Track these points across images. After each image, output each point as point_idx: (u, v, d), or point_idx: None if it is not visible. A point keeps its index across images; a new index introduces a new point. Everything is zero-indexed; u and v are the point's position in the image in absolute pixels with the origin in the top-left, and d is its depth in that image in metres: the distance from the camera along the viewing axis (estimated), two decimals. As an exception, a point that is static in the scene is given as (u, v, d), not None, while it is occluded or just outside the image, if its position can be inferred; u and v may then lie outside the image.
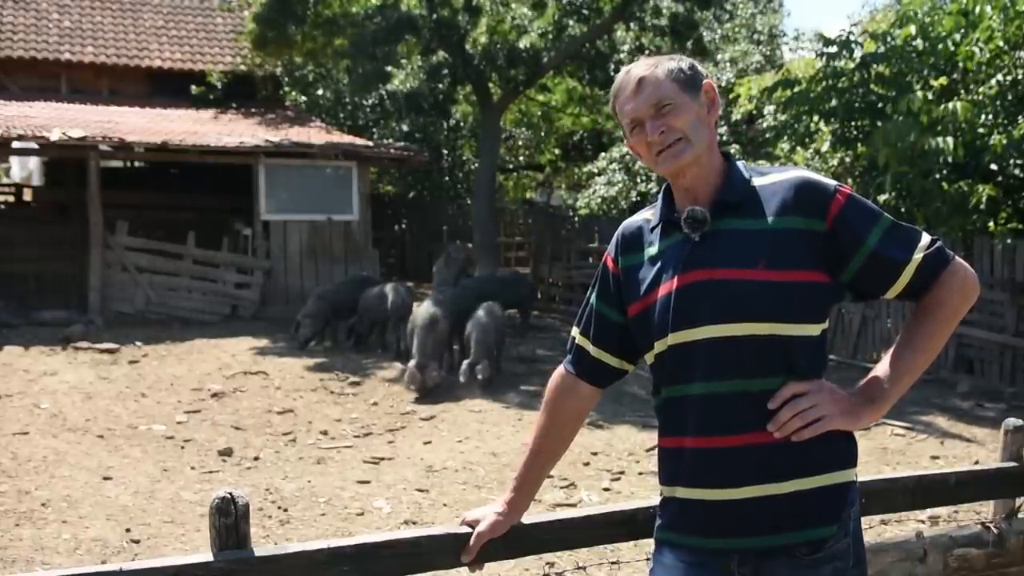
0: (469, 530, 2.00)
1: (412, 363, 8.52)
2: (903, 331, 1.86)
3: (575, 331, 2.03)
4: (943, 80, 9.62)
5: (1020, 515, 2.70)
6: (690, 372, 1.78)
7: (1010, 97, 9.08)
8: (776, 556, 1.76)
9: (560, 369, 2.06)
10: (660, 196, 1.93)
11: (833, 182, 1.81)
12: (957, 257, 1.83)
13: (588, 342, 1.99)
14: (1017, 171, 9.28)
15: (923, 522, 4.90)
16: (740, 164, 1.87)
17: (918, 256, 1.78)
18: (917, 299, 1.83)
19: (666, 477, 1.88)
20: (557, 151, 23.60)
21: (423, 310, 9.10)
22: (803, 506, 1.75)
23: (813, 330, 1.77)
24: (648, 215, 1.95)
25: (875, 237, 1.76)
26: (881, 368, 1.83)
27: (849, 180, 10.91)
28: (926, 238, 1.81)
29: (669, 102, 1.80)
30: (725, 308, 1.74)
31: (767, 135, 11.58)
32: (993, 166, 9.15)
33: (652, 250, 1.88)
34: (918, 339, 1.82)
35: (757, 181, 1.82)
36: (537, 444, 2.03)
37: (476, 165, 17.94)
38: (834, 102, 10.23)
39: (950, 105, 8.61)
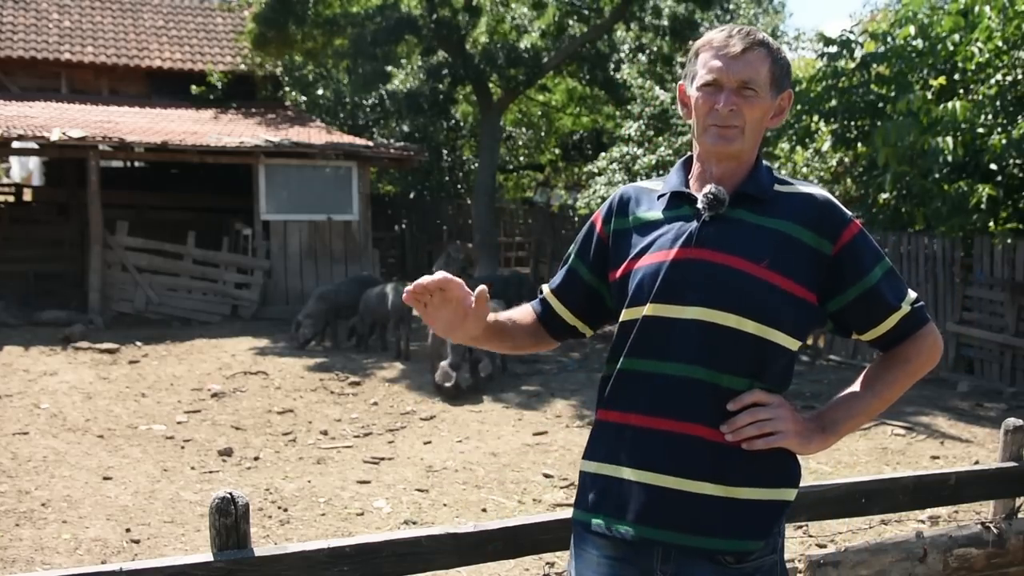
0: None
1: (445, 363, 8.43)
2: (867, 374, 1.86)
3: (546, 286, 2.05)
4: (942, 80, 9.62)
5: (1020, 515, 2.70)
6: (660, 348, 1.74)
7: (1010, 97, 9.08)
8: (700, 559, 1.72)
9: (532, 304, 2.07)
10: (675, 168, 1.90)
11: (850, 212, 1.81)
12: (931, 321, 1.86)
13: (552, 295, 2.02)
14: (1017, 171, 9.28)
15: (923, 522, 4.90)
16: (768, 166, 1.86)
17: (907, 308, 1.80)
18: (884, 349, 1.85)
19: (602, 454, 1.81)
20: (557, 151, 23.62)
21: None
22: (740, 515, 1.72)
23: (791, 343, 1.76)
24: (656, 185, 1.92)
25: (877, 275, 1.77)
26: (839, 403, 1.84)
27: (849, 180, 10.91)
28: (912, 294, 1.83)
29: (754, 89, 1.76)
30: (719, 293, 1.71)
31: (767, 135, 11.58)
32: (993, 166, 9.15)
33: (653, 215, 1.85)
34: (879, 385, 1.83)
35: (779, 188, 1.82)
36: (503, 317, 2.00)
37: (476, 165, 17.94)
38: (834, 102, 10.24)
39: (949, 105, 8.61)
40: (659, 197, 1.86)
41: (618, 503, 1.77)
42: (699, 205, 1.77)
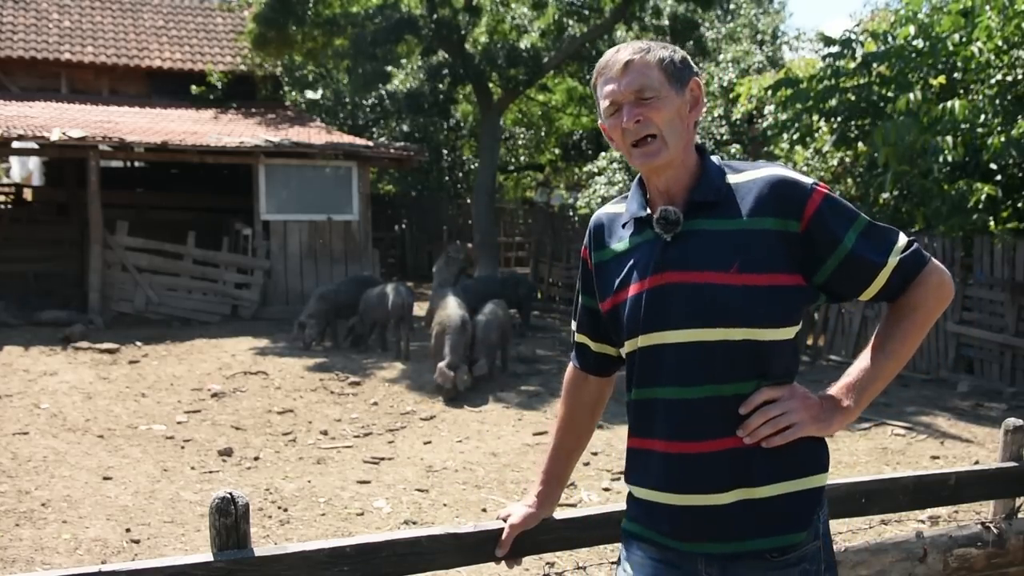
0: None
1: (443, 363, 8.38)
2: (876, 335, 1.82)
3: (574, 326, 2.04)
4: (942, 79, 9.62)
5: (1020, 515, 2.69)
6: (660, 375, 1.75)
7: (1009, 97, 9.07)
8: (744, 558, 1.74)
9: (570, 364, 2.08)
10: (633, 190, 1.89)
11: (810, 180, 1.76)
12: (933, 259, 1.79)
13: (587, 338, 2.00)
14: (1016, 170, 9.28)
15: (923, 522, 4.90)
16: (715, 160, 1.83)
17: (894, 259, 1.74)
18: (892, 300, 1.80)
19: (634, 477, 1.85)
20: (557, 151, 23.61)
21: (453, 312, 8.90)
22: (775, 512, 1.72)
23: (787, 333, 1.74)
24: (620, 208, 1.90)
25: (851, 238, 1.73)
26: (853, 372, 1.80)
27: (849, 179, 10.91)
28: (903, 239, 1.77)
29: (652, 93, 1.74)
30: (698, 312, 1.71)
31: (768, 134, 11.57)
32: (992, 165, 9.15)
33: (622, 246, 1.84)
34: (890, 344, 1.78)
35: (732, 179, 1.78)
36: (558, 437, 2.06)
37: (476, 165, 17.94)
38: (834, 101, 10.24)
39: (949, 104, 8.61)
40: (624, 224, 1.86)
41: (655, 522, 1.81)
42: (656, 230, 1.77)
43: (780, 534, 1.73)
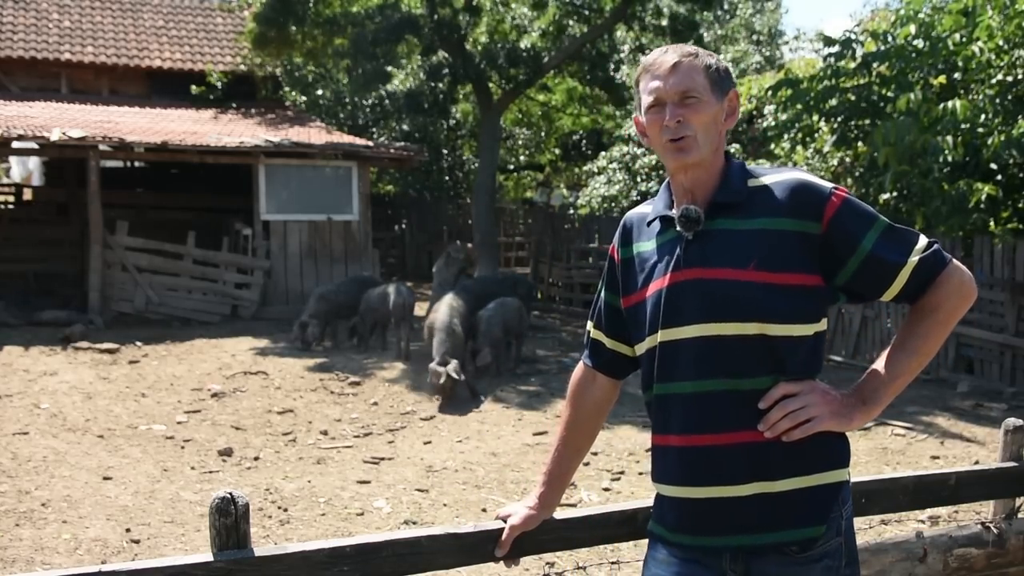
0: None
1: (433, 363, 8.33)
2: (899, 332, 1.85)
3: (590, 325, 2.06)
4: (942, 79, 9.62)
5: (1020, 515, 2.69)
6: (678, 370, 1.79)
7: (1010, 97, 9.07)
8: (767, 554, 1.77)
9: (580, 364, 2.10)
10: (661, 191, 1.94)
11: (829, 184, 1.80)
12: (954, 260, 1.82)
13: (603, 335, 2.02)
14: (1016, 170, 9.27)
15: (923, 522, 4.90)
16: (739, 164, 1.88)
17: (914, 259, 1.77)
18: (913, 301, 1.83)
19: (656, 474, 1.90)
20: (557, 151, 23.61)
21: (441, 314, 8.89)
22: (793, 505, 1.75)
23: (805, 330, 1.77)
24: (648, 208, 1.96)
25: (871, 240, 1.76)
26: (875, 369, 1.83)
27: (849, 179, 10.91)
28: (923, 240, 1.80)
29: (696, 96, 1.80)
30: (714, 307, 1.75)
31: (768, 134, 11.57)
32: (993, 165, 9.14)
33: (649, 245, 1.89)
34: (912, 341, 1.82)
35: (754, 182, 1.83)
36: (562, 438, 2.08)
37: (476, 165, 17.94)
38: (834, 101, 10.24)
39: (949, 104, 8.61)
40: (650, 223, 1.91)
41: (676, 518, 1.84)
42: (677, 228, 1.82)
43: (796, 527, 1.76)
